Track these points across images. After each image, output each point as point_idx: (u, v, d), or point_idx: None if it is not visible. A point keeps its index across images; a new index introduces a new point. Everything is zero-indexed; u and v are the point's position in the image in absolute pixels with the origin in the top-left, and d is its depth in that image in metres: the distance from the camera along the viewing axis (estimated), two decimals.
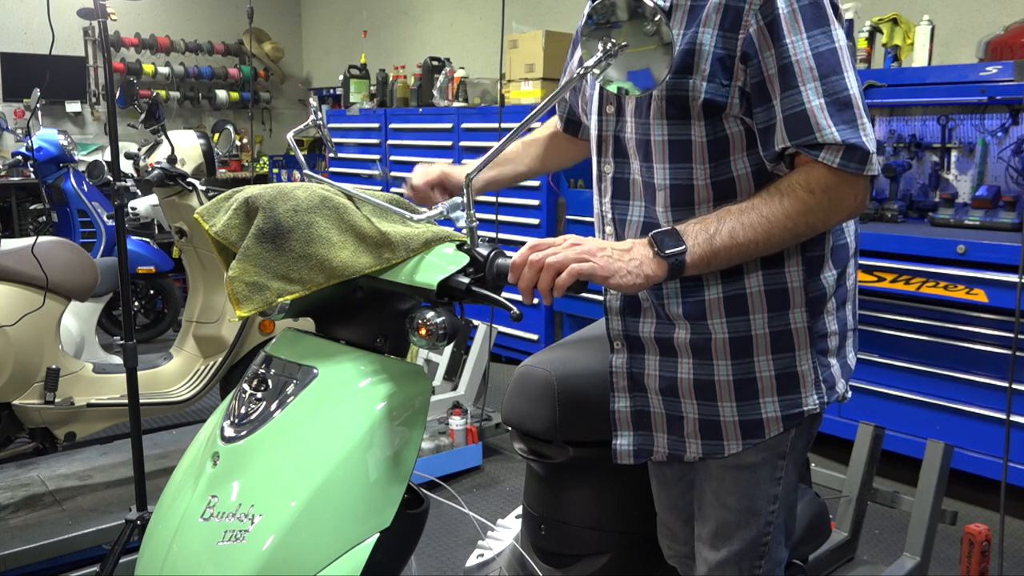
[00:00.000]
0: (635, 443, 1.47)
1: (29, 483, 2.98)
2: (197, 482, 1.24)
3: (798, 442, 1.41)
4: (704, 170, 1.30)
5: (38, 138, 5.00)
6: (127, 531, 2.32)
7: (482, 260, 1.24)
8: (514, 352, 5.08)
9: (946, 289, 3.12)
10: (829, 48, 1.19)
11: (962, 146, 3.70)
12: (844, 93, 1.19)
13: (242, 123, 7.94)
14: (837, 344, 1.40)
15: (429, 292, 1.23)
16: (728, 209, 1.23)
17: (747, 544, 1.42)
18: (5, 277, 2.76)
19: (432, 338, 1.23)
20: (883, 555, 2.81)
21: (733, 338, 1.34)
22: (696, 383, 1.38)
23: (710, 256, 1.21)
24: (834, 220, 1.26)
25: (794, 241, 1.26)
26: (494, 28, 6.14)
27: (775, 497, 1.41)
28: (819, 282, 1.35)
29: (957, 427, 3.19)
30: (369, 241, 1.26)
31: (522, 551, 1.79)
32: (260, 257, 1.24)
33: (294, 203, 1.26)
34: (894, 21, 3.78)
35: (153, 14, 7.59)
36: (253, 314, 1.24)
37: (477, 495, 3.33)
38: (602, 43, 1.15)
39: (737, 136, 1.29)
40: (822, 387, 1.37)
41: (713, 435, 1.38)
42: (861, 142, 1.18)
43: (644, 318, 1.41)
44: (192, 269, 3.27)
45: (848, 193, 1.21)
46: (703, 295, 1.34)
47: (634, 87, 1.17)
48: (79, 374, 2.97)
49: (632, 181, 1.39)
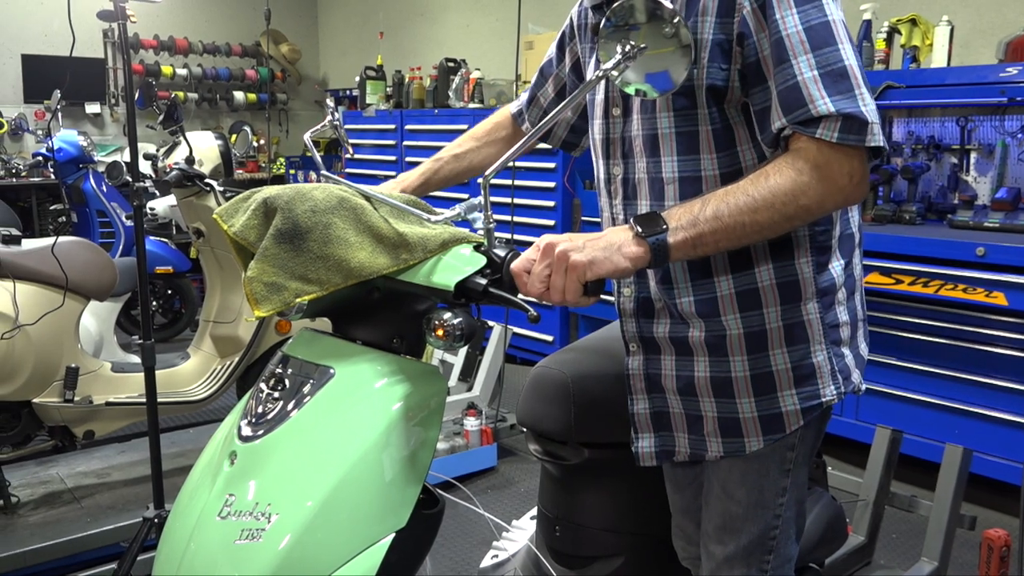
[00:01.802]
0: (656, 445, 1.46)
1: (49, 480, 3.01)
2: (214, 481, 1.25)
3: (807, 434, 1.40)
4: (712, 160, 1.30)
5: (58, 139, 5.05)
6: (144, 529, 2.34)
7: (499, 261, 1.24)
8: (529, 353, 5.08)
9: (965, 292, 3.09)
10: (821, 21, 1.17)
11: (981, 147, 3.67)
12: (839, 64, 1.16)
13: (259, 124, 7.98)
14: (849, 334, 1.40)
15: (446, 293, 1.23)
16: (715, 192, 1.21)
17: (755, 538, 1.41)
18: (26, 276, 2.79)
19: (449, 339, 1.23)
20: (900, 560, 2.79)
21: (748, 333, 1.34)
22: (713, 381, 1.37)
23: (695, 238, 1.18)
24: (829, 202, 1.20)
25: (787, 225, 1.21)
26: (510, 29, 6.14)
27: (783, 490, 1.40)
28: (828, 272, 1.35)
29: (976, 431, 3.16)
30: (386, 242, 1.27)
31: (537, 552, 1.79)
32: (278, 257, 1.25)
33: (312, 204, 1.26)
34: (912, 22, 3.75)
35: (171, 16, 7.65)
36: (271, 314, 1.24)
37: (491, 496, 3.33)
38: (620, 45, 1.15)
39: (742, 125, 1.29)
40: (838, 377, 1.37)
41: (733, 433, 1.38)
42: (859, 111, 1.14)
43: (658, 319, 1.41)
44: (209, 269, 3.30)
45: (840, 171, 1.16)
46: (715, 291, 1.34)
47: (652, 89, 1.17)
48: (98, 373, 3.00)
49: (639, 180, 1.39)
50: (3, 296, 2.73)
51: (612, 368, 1.62)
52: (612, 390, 1.58)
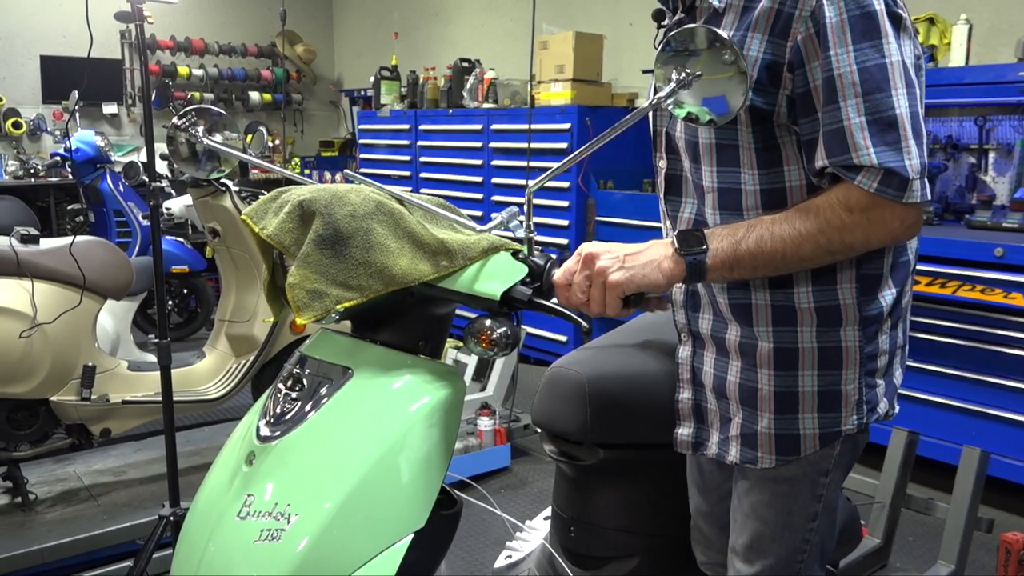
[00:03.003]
0: (695, 435, 1.46)
1: (66, 478, 3.04)
2: (233, 480, 1.25)
3: (842, 460, 1.37)
4: (752, 176, 1.27)
5: (76, 139, 5.09)
6: (160, 527, 2.35)
7: (538, 270, 1.24)
8: (543, 353, 5.07)
9: (983, 293, 3.06)
10: (877, 63, 1.13)
11: (1000, 147, 3.64)
12: (889, 112, 1.12)
13: (274, 124, 8.01)
14: (886, 363, 1.35)
15: (491, 302, 1.23)
16: (762, 218, 1.21)
17: (781, 560, 1.38)
18: (44, 276, 2.81)
19: (496, 348, 1.23)
20: (917, 563, 2.78)
21: (778, 348, 1.31)
22: (741, 387, 1.36)
23: (733, 261, 1.19)
24: (876, 242, 1.19)
25: (829, 259, 1.21)
26: (524, 29, 6.14)
27: (814, 515, 1.37)
28: (876, 301, 1.30)
29: (993, 433, 3.13)
30: (426, 248, 1.26)
31: (552, 552, 1.79)
32: (320, 264, 1.23)
33: (351, 208, 1.25)
34: (930, 20, 3.73)
35: (188, 17, 7.69)
36: (312, 321, 1.23)
37: (505, 496, 3.33)
38: (676, 72, 1.13)
39: (790, 146, 1.24)
40: (863, 408, 1.33)
41: (750, 444, 1.36)
42: (902, 166, 1.12)
43: (703, 313, 1.40)
44: (225, 269, 3.31)
45: (892, 215, 1.15)
46: (749, 299, 1.32)
47: (707, 113, 1.14)
48: (114, 371, 3.02)
49: (684, 179, 1.38)
50: (21, 295, 2.75)
51: (628, 368, 1.62)
52: (628, 390, 1.58)
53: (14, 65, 6.99)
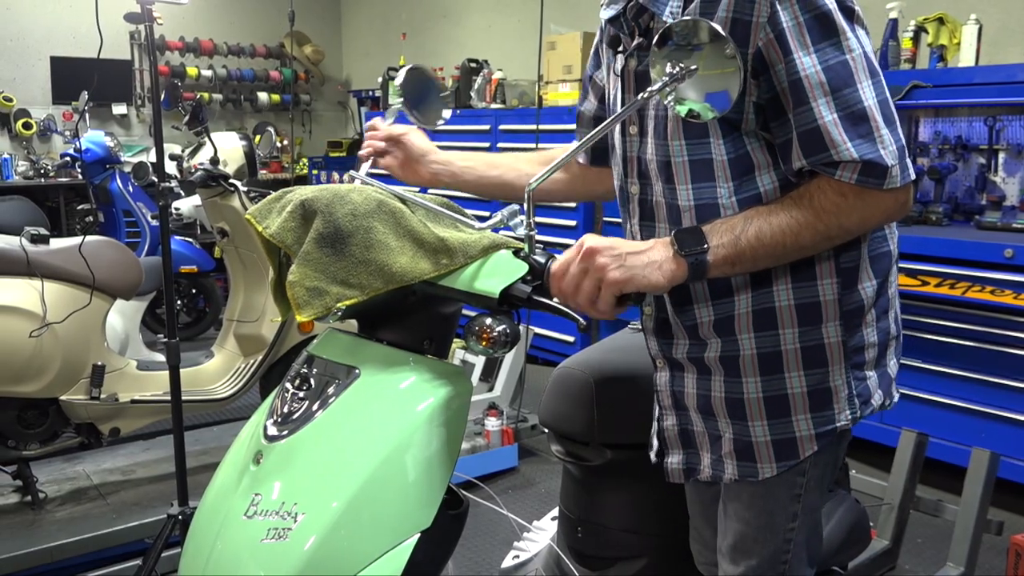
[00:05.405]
0: (683, 462, 1.44)
1: (75, 477, 3.06)
2: (240, 480, 1.26)
3: (819, 459, 1.36)
4: (728, 188, 1.27)
5: (86, 140, 5.11)
6: (169, 525, 2.36)
7: (539, 268, 1.23)
8: (550, 353, 5.07)
9: (992, 294, 3.05)
10: (839, 60, 1.15)
11: (1010, 147, 3.62)
12: (858, 106, 1.15)
13: (282, 125, 8.03)
14: (876, 355, 1.35)
15: (490, 300, 1.23)
16: (756, 209, 1.21)
17: (765, 561, 1.39)
18: (54, 275, 2.83)
19: (495, 346, 1.23)
20: (925, 565, 2.76)
21: (761, 354, 1.31)
22: (727, 401, 1.35)
23: (735, 257, 1.19)
24: (871, 222, 1.22)
25: (827, 244, 1.22)
26: (532, 30, 6.13)
27: (794, 515, 1.38)
28: (856, 294, 1.30)
29: (1003, 435, 3.12)
30: (427, 247, 1.26)
31: (559, 552, 1.79)
32: (320, 262, 1.24)
33: (352, 207, 1.26)
34: (940, 20, 3.71)
35: (197, 18, 7.72)
36: (311, 319, 1.24)
37: (512, 496, 3.33)
38: (670, 66, 1.13)
39: (759, 152, 1.26)
40: (855, 401, 1.33)
41: (747, 457, 1.35)
42: (877, 156, 1.14)
43: (676, 339, 1.39)
44: (233, 269, 3.32)
45: (882, 196, 1.17)
46: (733, 309, 1.31)
47: (708, 108, 1.14)
48: (124, 371, 3.03)
49: (656, 203, 1.36)
50: (31, 294, 2.77)
51: (635, 369, 1.61)
52: (635, 391, 1.57)
53: (24, 66, 7.03)
